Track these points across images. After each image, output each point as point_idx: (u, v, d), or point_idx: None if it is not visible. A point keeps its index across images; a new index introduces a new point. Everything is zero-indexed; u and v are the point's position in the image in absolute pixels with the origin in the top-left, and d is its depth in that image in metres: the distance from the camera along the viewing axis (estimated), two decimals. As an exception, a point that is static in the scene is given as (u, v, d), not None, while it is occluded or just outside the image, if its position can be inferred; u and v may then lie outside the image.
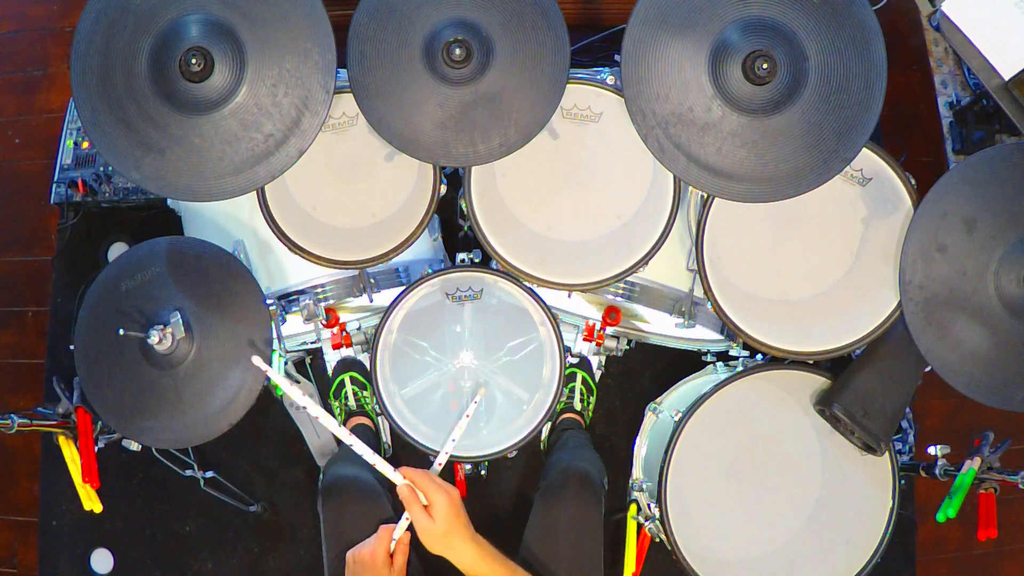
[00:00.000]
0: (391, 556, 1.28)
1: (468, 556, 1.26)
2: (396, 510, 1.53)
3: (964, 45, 1.73)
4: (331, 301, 1.75)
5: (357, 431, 1.99)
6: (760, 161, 1.44)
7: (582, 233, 1.68)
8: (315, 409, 1.31)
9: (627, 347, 1.92)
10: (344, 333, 1.79)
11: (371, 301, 1.77)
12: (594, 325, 1.81)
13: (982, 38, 1.72)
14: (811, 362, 1.66)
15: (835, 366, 1.67)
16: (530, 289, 1.68)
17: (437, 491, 1.24)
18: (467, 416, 1.49)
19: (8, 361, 2.36)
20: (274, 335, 1.53)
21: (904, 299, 1.46)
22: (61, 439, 1.54)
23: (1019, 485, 1.47)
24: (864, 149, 1.48)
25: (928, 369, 1.52)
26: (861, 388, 1.59)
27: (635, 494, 1.80)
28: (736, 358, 1.82)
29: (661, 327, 1.84)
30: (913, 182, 1.59)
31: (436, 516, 1.23)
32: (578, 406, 2.04)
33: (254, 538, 2.17)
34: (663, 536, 1.64)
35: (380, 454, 1.32)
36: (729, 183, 1.45)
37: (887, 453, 1.63)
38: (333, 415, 2.08)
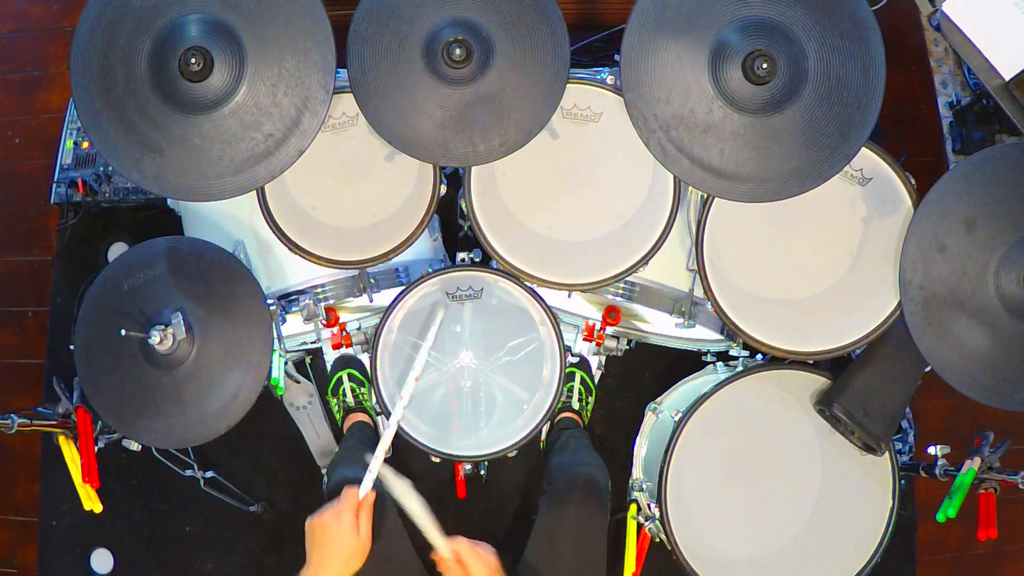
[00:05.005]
0: (357, 520, 1.24)
1: None
2: (401, 514, 1.52)
3: (964, 45, 1.73)
4: (331, 301, 1.75)
5: (356, 427, 1.99)
6: (763, 161, 1.44)
7: (582, 233, 1.68)
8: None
9: (627, 347, 1.92)
10: (344, 333, 1.79)
11: (371, 301, 1.77)
12: (594, 325, 1.81)
13: (982, 38, 1.71)
14: (811, 362, 1.66)
15: (835, 366, 1.67)
16: (530, 289, 1.68)
17: (476, 561, 1.28)
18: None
19: (8, 361, 2.35)
20: (274, 335, 1.53)
21: (904, 299, 1.46)
22: (61, 439, 1.54)
23: (1019, 485, 1.47)
24: (864, 149, 1.48)
25: (928, 369, 1.52)
26: (861, 388, 1.59)
27: (635, 494, 1.80)
28: (736, 358, 1.82)
29: (661, 327, 1.84)
30: (913, 182, 1.58)
31: None
32: (576, 405, 2.04)
33: (254, 538, 2.17)
34: (663, 536, 1.64)
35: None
36: (733, 184, 1.45)
37: (887, 453, 1.63)
38: (332, 412, 2.09)
